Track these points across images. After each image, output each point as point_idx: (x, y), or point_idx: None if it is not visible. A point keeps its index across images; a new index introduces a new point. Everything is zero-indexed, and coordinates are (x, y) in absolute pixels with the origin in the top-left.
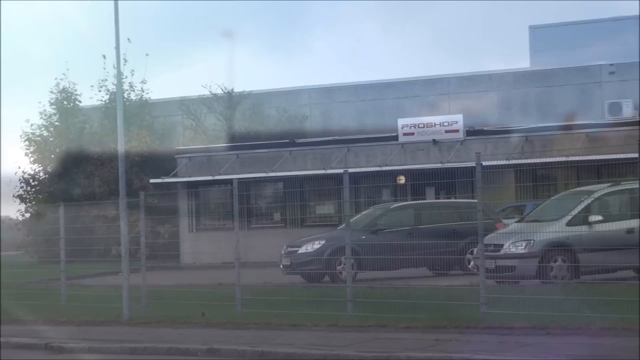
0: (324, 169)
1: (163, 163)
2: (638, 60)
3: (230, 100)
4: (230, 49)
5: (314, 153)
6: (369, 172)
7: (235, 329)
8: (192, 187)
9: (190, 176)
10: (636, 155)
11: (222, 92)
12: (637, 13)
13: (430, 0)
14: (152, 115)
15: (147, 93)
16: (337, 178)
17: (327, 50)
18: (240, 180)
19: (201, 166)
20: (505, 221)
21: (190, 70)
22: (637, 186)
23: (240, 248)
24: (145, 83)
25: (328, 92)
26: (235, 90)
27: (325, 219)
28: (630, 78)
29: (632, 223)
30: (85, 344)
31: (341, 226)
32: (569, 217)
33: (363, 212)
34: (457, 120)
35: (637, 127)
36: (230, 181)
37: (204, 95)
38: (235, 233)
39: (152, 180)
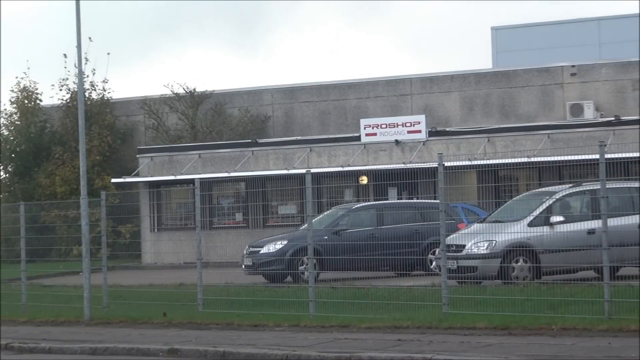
0: (286, 169)
1: (125, 162)
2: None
3: (193, 99)
4: (192, 48)
5: (276, 153)
6: (331, 172)
7: (196, 329)
8: (154, 187)
9: (152, 176)
10: (596, 156)
11: (184, 91)
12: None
13: (393, 0)
14: (113, 115)
15: (108, 92)
16: (300, 178)
17: (290, 50)
18: (202, 180)
19: (163, 166)
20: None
21: (152, 69)
22: (599, 187)
23: (202, 248)
24: (106, 82)
25: (290, 92)
26: (197, 89)
27: (288, 219)
28: (591, 79)
29: (593, 224)
30: (45, 344)
31: (303, 226)
32: (531, 218)
33: (325, 213)
34: (420, 120)
35: (597, 128)
36: (192, 181)
37: (166, 94)
38: (197, 233)
39: (113, 180)
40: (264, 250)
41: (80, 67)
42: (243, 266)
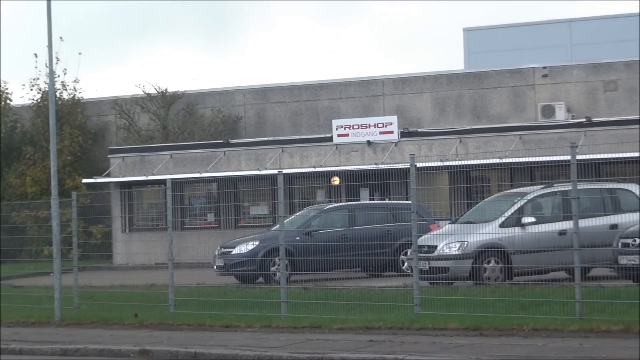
0: (258, 169)
1: (96, 163)
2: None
3: (164, 100)
4: (164, 48)
5: (248, 153)
6: (303, 173)
7: (168, 330)
8: (125, 187)
9: (123, 176)
10: (568, 157)
11: (156, 91)
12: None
13: (365, 0)
14: (84, 115)
15: (79, 92)
16: (272, 179)
17: (262, 50)
18: (173, 181)
19: (134, 166)
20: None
21: (124, 69)
22: (570, 188)
23: (173, 249)
24: (78, 82)
25: (262, 93)
26: (169, 90)
27: (259, 220)
28: (562, 81)
29: (565, 225)
30: (16, 345)
31: (275, 227)
32: (502, 219)
33: (297, 213)
34: (392, 121)
35: (569, 129)
36: (163, 181)
37: (137, 95)
38: (169, 233)
39: (84, 180)
40: (235, 251)
41: (52, 67)
42: (215, 267)
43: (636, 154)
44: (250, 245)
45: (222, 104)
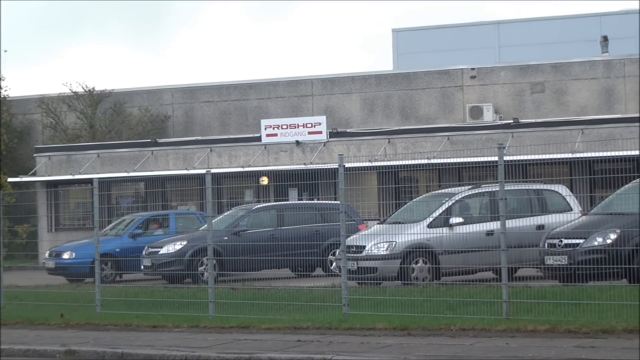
0: (186, 169)
1: (22, 162)
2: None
3: (92, 98)
4: (92, 47)
5: (176, 153)
6: (231, 172)
7: (94, 330)
8: (52, 186)
9: (49, 175)
10: (495, 158)
11: (83, 90)
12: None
13: (295, 0)
14: (10, 113)
15: (5, 90)
16: (200, 178)
17: (191, 50)
18: (100, 180)
19: (61, 165)
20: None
21: (50, 68)
22: (497, 189)
23: (100, 248)
24: (3, 80)
25: (191, 92)
26: (96, 88)
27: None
28: (490, 82)
29: (492, 225)
30: None
31: (203, 227)
32: (430, 219)
33: (225, 213)
34: (320, 121)
35: (496, 130)
36: (90, 180)
37: (64, 93)
38: (95, 233)
39: (10, 179)
40: (163, 250)
41: None
42: (142, 267)
43: (562, 155)
44: (178, 245)
45: (150, 103)
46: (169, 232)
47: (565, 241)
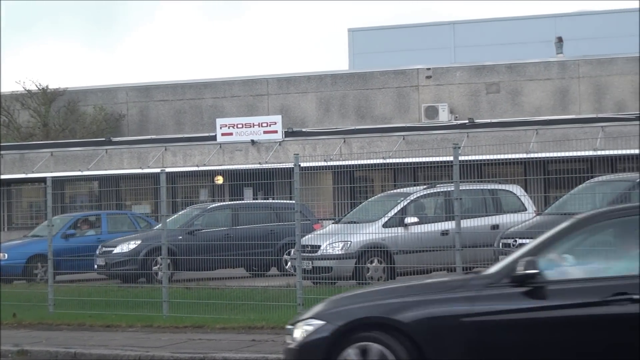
0: (140, 168)
1: None
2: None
3: (45, 96)
4: (46, 45)
5: (130, 152)
6: (186, 171)
7: (47, 330)
8: (4, 185)
9: (2, 174)
10: (451, 158)
11: (37, 88)
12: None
13: (248, 0)
14: None
15: None
16: (154, 177)
17: (146, 48)
18: (54, 179)
19: (14, 163)
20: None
21: (4, 66)
22: (452, 188)
23: (54, 247)
24: None
25: (145, 91)
26: (50, 86)
27: None
28: (445, 82)
29: (447, 225)
30: None
31: (157, 226)
32: (385, 219)
33: (180, 212)
34: (276, 121)
35: (452, 130)
36: (44, 179)
37: (17, 91)
38: (49, 232)
39: None
40: (117, 250)
41: None
42: (95, 266)
43: (517, 156)
44: (132, 244)
45: (105, 101)
46: (101, 232)
47: (519, 241)
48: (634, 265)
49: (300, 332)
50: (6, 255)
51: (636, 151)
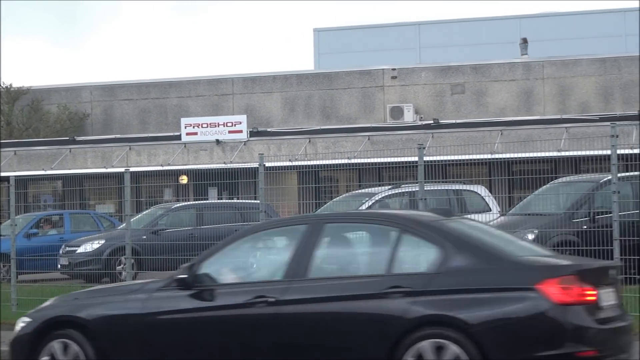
0: (104, 167)
1: None
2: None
3: (8, 95)
4: (10, 42)
5: (94, 151)
6: (150, 171)
7: (10, 329)
8: None
9: None
10: (416, 158)
11: (0, 86)
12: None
13: (214, 0)
14: None
15: None
16: (118, 177)
17: (110, 47)
18: (17, 178)
19: None
20: None
21: None
22: (417, 189)
23: (17, 247)
24: None
25: (110, 90)
26: (13, 85)
27: None
28: (411, 83)
29: None
30: None
31: (121, 226)
32: None
33: (144, 212)
34: (241, 120)
35: (417, 131)
36: (7, 178)
37: None
38: (12, 232)
39: None
40: (80, 249)
41: None
42: (59, 265)
43: (481, 156)
44: (96, 244)
45: (69, 100)
46: (63, 232)
47: None
48: (274, 272)
49: (17, 327)
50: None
51: (599, 152)
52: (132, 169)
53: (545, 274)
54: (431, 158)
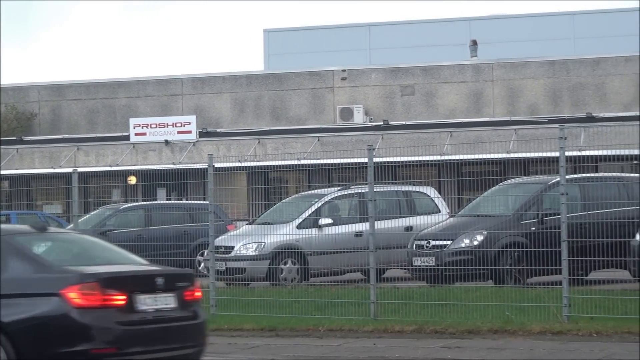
0: (52, 167)
1: None
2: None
3: None
4: None
5: (42, 151)
6: (99, 171)
7: None
8: None
9: None
10: (365, 159)
11: None
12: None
13: (157, 0)
14: None
15: None
16: (66, 177)
17: (58, 46)
18: None
19: None
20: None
21: None
22: (367, 190)
23: None
24: None
25: (58, 90)
26: None
27: None
28: (361, 84)
29: (361, 226)
30: None
31: (69, 226)
32: (300, 220)
33: (92, 213)
34: (190, 121)
35: (367, 132)
36: None
37: None
38: None
39: None
40: None
41: None
42: None
43: (431, 158)
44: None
45: (16, 100)
46: None
47: (432, 242)
48: None
49: None
50: None
51: (548, 154)
52: (80, 170)
53: (70, 281)
54: (381, 159)
